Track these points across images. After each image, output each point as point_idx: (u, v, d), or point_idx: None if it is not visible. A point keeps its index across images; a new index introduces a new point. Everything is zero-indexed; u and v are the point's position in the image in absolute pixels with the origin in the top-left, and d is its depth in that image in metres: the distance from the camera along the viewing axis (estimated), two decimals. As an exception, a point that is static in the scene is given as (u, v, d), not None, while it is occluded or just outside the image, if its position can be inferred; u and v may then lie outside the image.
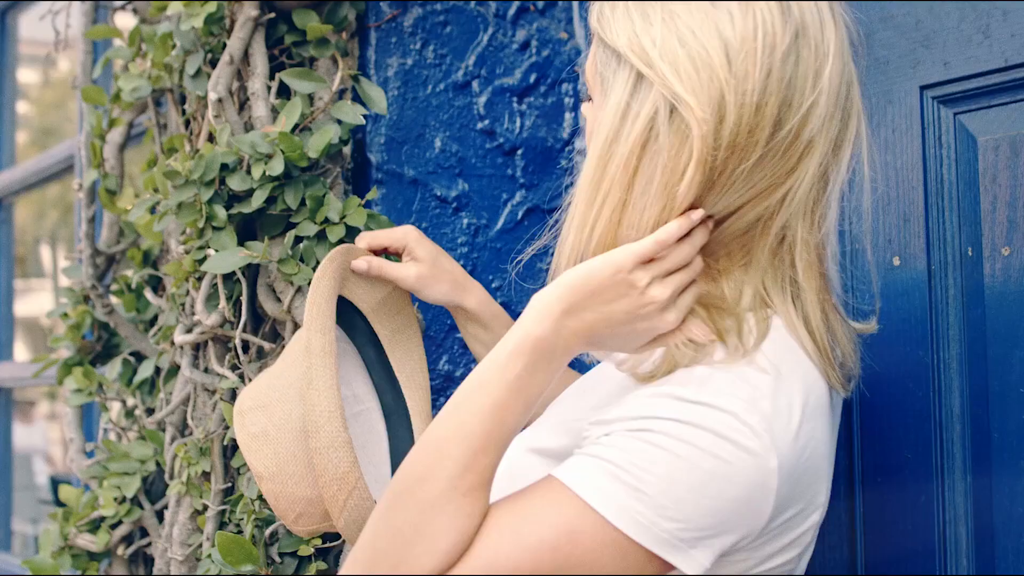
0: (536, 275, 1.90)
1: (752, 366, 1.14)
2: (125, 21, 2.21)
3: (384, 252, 1.59)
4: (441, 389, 1.84)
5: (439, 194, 1.86)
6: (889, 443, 1.52)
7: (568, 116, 1.95)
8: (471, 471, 1.12)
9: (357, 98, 1.80)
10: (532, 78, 1.93)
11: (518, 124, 1.91)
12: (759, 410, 1.10)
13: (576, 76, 1.96)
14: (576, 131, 1.95)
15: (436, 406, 1.81)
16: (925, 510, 1.48)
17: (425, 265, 1.56)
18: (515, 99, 1.92)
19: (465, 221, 1.87)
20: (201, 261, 1.72)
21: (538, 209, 1.91)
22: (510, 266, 1.48)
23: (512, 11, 1.92)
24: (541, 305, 1.16)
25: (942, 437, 1.47)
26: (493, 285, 1.88)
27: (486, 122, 1.90)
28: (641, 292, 1.14)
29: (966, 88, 1.46)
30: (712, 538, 1.10)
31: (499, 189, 1.90)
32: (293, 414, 1.45)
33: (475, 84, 1.90)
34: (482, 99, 1.90)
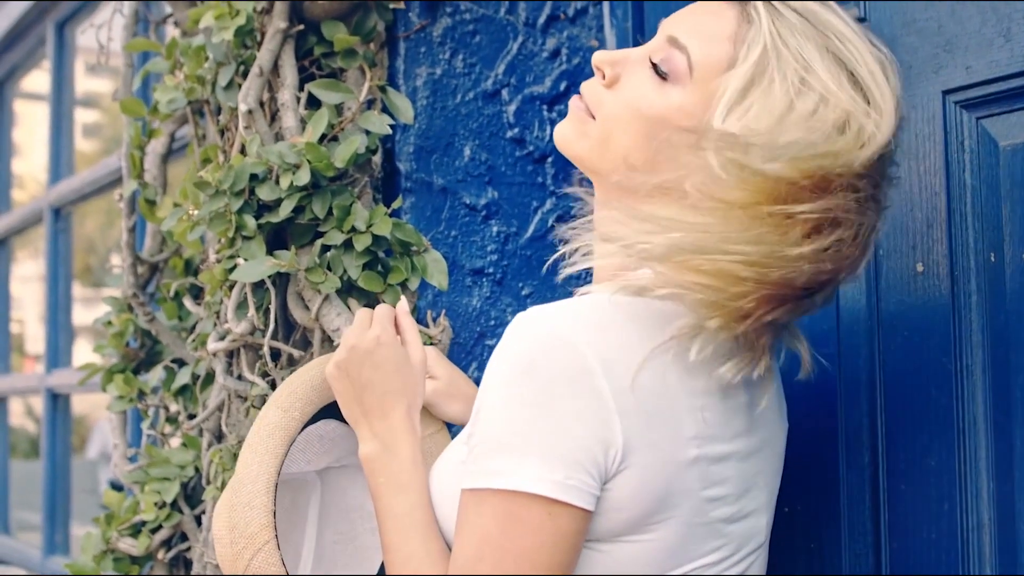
0: (567, 281, 1.91)
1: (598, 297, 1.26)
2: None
3: None
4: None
5: (468, 202, 1.87)
6: (912, 451, 1.50)
7: (599, 123, 1.95)
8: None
9: (386, 108, 1.82)
10: (562, 86, 1.94)
11: (548, 132, 1.92)
12: (577, 323, 1.20)
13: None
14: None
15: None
16: (949, 518, 1.46)
17: (442, 383, 1.61)
18: (545, 107, 1.93)
19: (495, 229, 1.88)
20: (231, 270, 1.75)
21: (568, 216, 1.92)
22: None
23: (542, 19, 1.93)
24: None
25: (965, 444, 1.45)
26: (524, 292, 1.89)
27: (516, 130, 1.91)
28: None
29: (988, 92, 1.45)
30: (586, 457, 1.16)
31: (529, 197, 1.90)
32: None
33: (505, 93, 1.91)
34: (512, 107, 1.91)
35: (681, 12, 1.37)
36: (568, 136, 1.38)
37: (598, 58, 1.36)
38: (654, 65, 1.32)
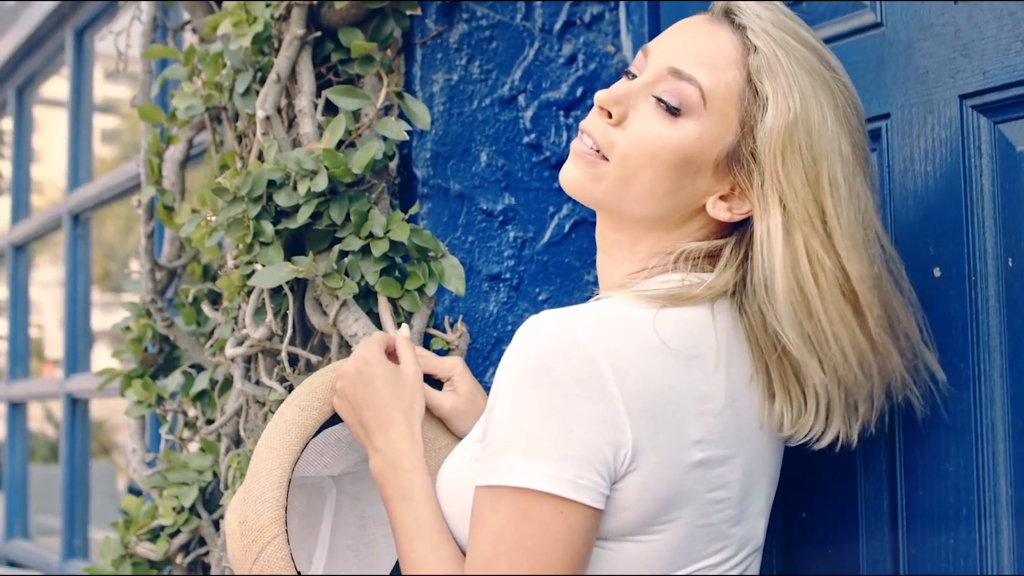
0: (583, 287, 1.91)
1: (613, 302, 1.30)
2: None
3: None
4: (488, 401, 1.85)
5: (485, 208, 1.87)
6: (930, 456, 1.50)
7: (615, 129, 1.95)
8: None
9: (403, 115, 1.82)
10: (579, 92, 1.94)
11: (565, 138, 1.92)
12: (586, 325, 1.24)
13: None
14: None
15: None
16: (967, 523, 1.46)
17: (462, 399, 1.63)
18: (561, 113, 1.93)
19: (512, 234, 1.88)
20: (249, 275, 1.75)
21: (585, 222, 1.92)
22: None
23: (558, 25, 1.94)
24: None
25: (983, 450, 1.45)
26: (541, 298, 1.89)
27: (532, 136, 1.91)
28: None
29: (1005, 97, 1.44)
30: (596, 457, 1.20)
31: (546, 202, 1.91)
32: None
33: (521, 98, 1.91)
34: (528, 113, 1.91)
35: (668, 36, 1.39)
36: (580, 180, 1.39)
37: (602, 98, 1.37)
38: (659, 100, 1.34)
